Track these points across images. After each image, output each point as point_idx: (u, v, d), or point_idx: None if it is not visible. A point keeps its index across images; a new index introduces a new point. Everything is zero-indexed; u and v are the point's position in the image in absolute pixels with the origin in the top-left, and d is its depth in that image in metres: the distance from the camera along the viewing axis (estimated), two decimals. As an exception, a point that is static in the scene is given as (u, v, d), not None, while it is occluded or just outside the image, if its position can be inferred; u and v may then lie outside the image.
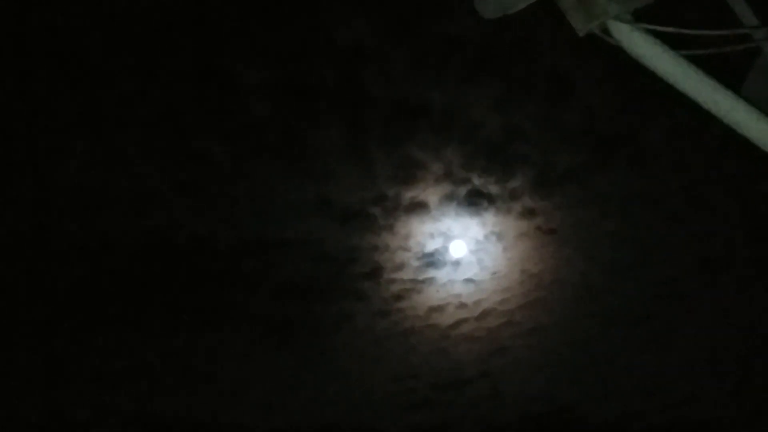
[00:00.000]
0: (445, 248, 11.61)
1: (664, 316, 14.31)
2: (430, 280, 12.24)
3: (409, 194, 10.36)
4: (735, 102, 3.91)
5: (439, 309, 12.93)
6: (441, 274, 12.14)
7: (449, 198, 10.60)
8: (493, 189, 10.57)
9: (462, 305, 12.97)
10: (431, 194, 10.46)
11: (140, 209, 9.75)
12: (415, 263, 11.76)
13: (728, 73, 4.11)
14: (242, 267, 11.11)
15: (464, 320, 13.38)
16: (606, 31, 3.88)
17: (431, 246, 11.49)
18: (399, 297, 12.38)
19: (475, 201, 10.73)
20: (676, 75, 3.90)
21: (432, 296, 12.56)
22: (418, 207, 10.63)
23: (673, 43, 3.85)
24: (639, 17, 3.87)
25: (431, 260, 11.78)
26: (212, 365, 13.30)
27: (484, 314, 13.28)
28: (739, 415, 18.74)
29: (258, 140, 9.04)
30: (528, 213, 11.11)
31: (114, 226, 9.96)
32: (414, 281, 12.15)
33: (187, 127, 8.65)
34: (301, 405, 15.20)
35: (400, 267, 11.74)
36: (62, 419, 13.85)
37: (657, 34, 3.83)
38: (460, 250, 11.74)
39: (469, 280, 12.42)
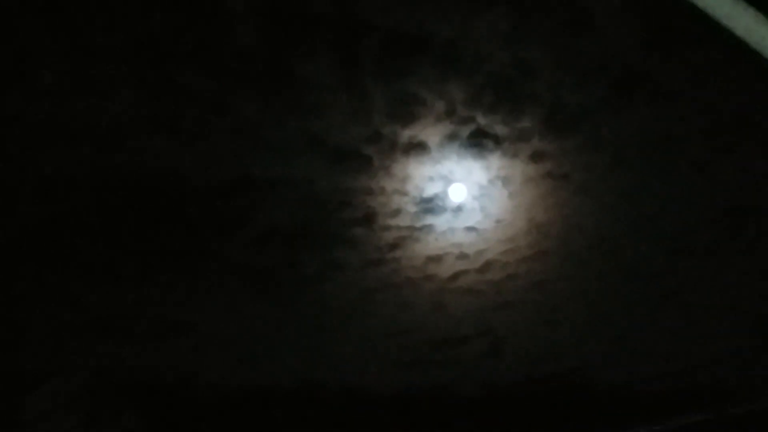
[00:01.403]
0: (446, 193, 11.64)
1: (683, 272, 14.39)
2: (428, 228, 12.29)
3: (407, 133, 10.37)
4: (764, 25, 3.89)
5: (437, 259, 13.00)
6: (440, 222, 12.20)
7: (451, 138, 10.61)
8: (500, 129, 10.57)
9: (462, 256, 13.04)
10: (431, 134, 10.47)
11: (110, 143, 9.73)
12: (413, 209, 11.80)
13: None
14: (222, 209, 11.12)
15: (464, 272, 13.46)
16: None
17: (430, 190, 11.52)
18: (394, 245, 12.46)
19: (479, 142, 10.74)
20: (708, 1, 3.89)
21: (430, 245, 12.63)
22: (417, 147, 10.65)
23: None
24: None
25: (430, 206, 11.82)
26: (187, 316, 13.36)
27: (486, 266, 13.36)
28: (761, 382, 18.93)
29: (242, 71, 8.99)
30: (537, 156, 11.13)
31: (80, 162, 9.93)
32: (410, 228, 12.20)
33: (164, 55, 8.61)
34: (284, 361, 15.32)
35: (396, 213, 11.79)
36: (19, 372, 13.90)
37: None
38: (462, 196, 11.77)
39: (470, 229, 12.48)
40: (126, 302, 12.57)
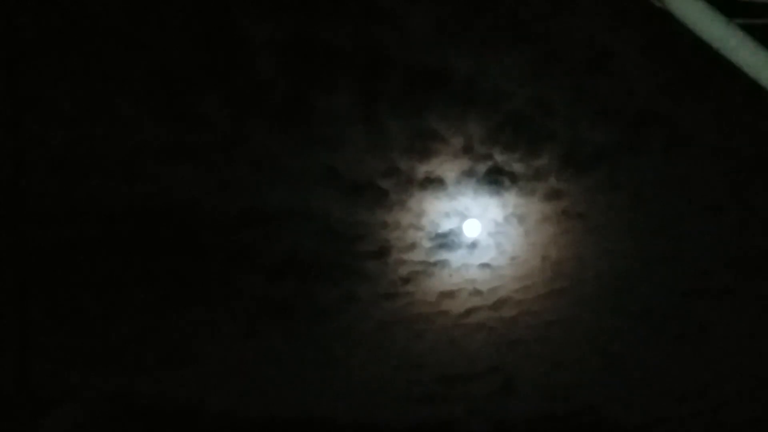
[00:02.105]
0: (461, 229, 11.69)
1: (698, 314, 14.35)
2: (443, 263, 12.32)
3: (424, 168, 10.44)
4: None
5: (450, 295, 13.01)
6: (455, 257, 12.22)
7: (468, 175, 10.66)
8: (517, 167, 10.63)
9: (476, 292, 13.04)
10: (448, 170, 10.52)
11: (130, 172, 9.82)
12: (427, 244, 11.84)
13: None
14: (238, 239, 11.19)
15: (477, 308, 13.45)
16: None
17: (446, 226, 11.57)
18: (407, 280, 12.47)
19: (495, 179, 10.79)
20: (727, 43, 3.90)
21: (444, 281, 12.65)
22: (434, 183, 10.70)
23: (725, 9, 3.87)
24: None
25: (445, 241, 11.86)
26: (199, 345, 13.38)
27: (500, 303, 13.36)
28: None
29: (262, 102, 9.10)
30: (553, 195, 11.17)
31: (99, 189, 10.01)
32: (425, 263, 12.23)
33: (186, 84, 8.71)
34: (295, 393, 15.30)
35: (411, 247, 11.82)
36: (29, 397, 13.88)
37: (708, -1, 3.86)
38: (477, 232, 11.81)
39: (485, 265, 12.49)
40: (139, 330, 12.59)
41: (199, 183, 10.10)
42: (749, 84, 4.02)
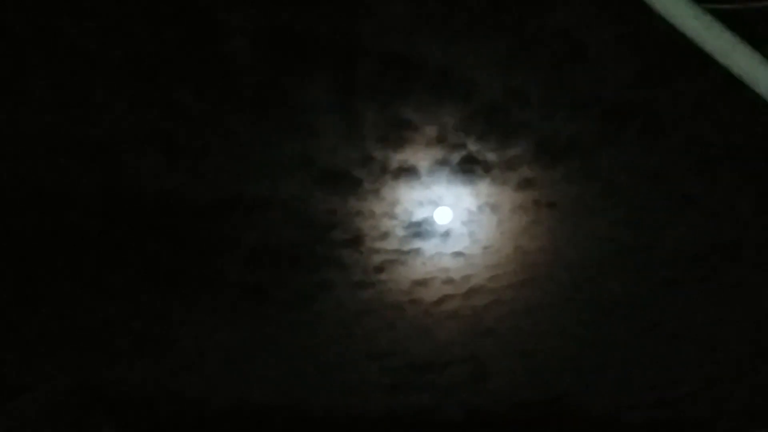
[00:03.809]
0: (434, 218, 11.73)
1: (670, 304, 14.46)
2: (416, 252, 12.37)
3: (398, 157, 10.47)
4: (759, 63, 3.96)
5: (423, 283, 13.07)
6: (428, 246, 12.27)
7: (442, 164, 10.70)
8: (490, 156, 10.67)
9: (449, 281, 13.11)
10: (422, 159, 10.55)
11: (103, 159, 9.78)
12: (401, 232, 11.89)
13: (754, 31, 4.16)
14: (213, 228, 11.21)
15: (450, 297, 13.52)
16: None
17: (419, 215, 11.62)
18: (381, 268, 12.53)
19: (469, 168, 10.82)
20: (697, 30, 3.96)
21: (417, 269, 12.71)
22: (408, 172, 10.74)
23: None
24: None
25: (418, 230, 11.91)
26: (174, 333, 13.40)
27: (473, 291, 13.43)
28: (746, 413, 18.97)
29: (236, 90, 9.08)
30: (526, 184, 11.23)
31: (73, 176, 9.97)
32: (398, 252, 12.28)
33: (160, 72, 8.68)
34: (270, 380, 15.34)
35: (384, 236, 11.88)
36: (0, 381, 13.83)
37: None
38: (450, 221, 11.85)
39: (458, 254, 12.55)
40: (113, 316, 12.58)
41: (174, 170, 10.09)
42: (723, 74, 4.08)
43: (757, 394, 17.76)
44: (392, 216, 11.49)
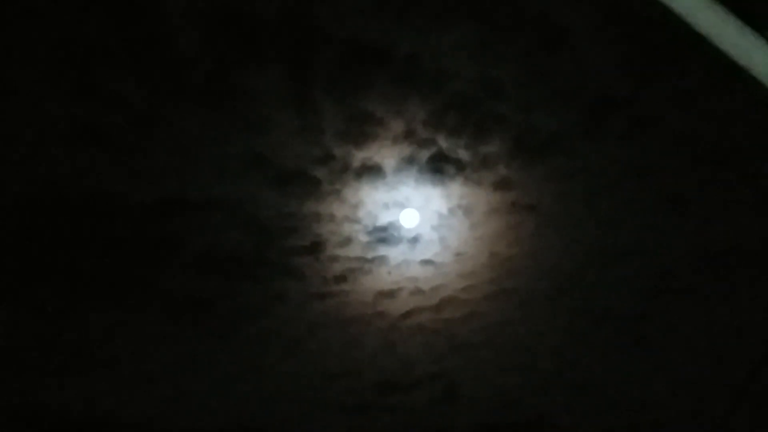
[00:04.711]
0: (401, 222, 11.65)
1: (660, 316, 14.49)
2: (381, 260, 12.30)
3: (360, 155, 10.38)
4: (758, 46, 3.84)
5: (389, 294, 13.01)
6: (394, 253, 12.21)
7: (409, 162, 10.62)
8: (462, 154, 10.60)
9: (417, 291, 13.06)
10: (387, 156, 10.48)
11: (32, 156, 9.65)
12: (364, 238, 11.81)
13: (753, 13, 4.07)
14: (153, 232, 11.07)
15: (419, 309, 13.48)
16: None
17: (384, 218, 11.54)
18: (342, 278, 12.46)
19: (439, 167, 10.76)
20: (691, 10, 3.84)
21: (382, 279, 12.65)
22: (371, 171, 10.66)
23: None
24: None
25: (383, 236, 11.84)
26: (110, 349, 13.28)
27: (444, 303, 13.39)
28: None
29: (181, 81, 8.94)
30: (503, 184, 11.16)
31: (-3, 175, 9.87)
32: (361, 260, 12.21)
33: (96, 60, 8.54)
34: (216, 402, 15.28)
35: (346, 242, 11.80)
36: None
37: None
38: (419, 225, 11.79)
39: (427, 262, 12.50)
40: (42, 332, 12.44)
41: (111, 169, 9.95)
42: (719, 63, 3.98)
43: (757, 414, 17.81)
44: (354, 220, 11.42)
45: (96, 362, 13.43)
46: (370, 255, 12.11)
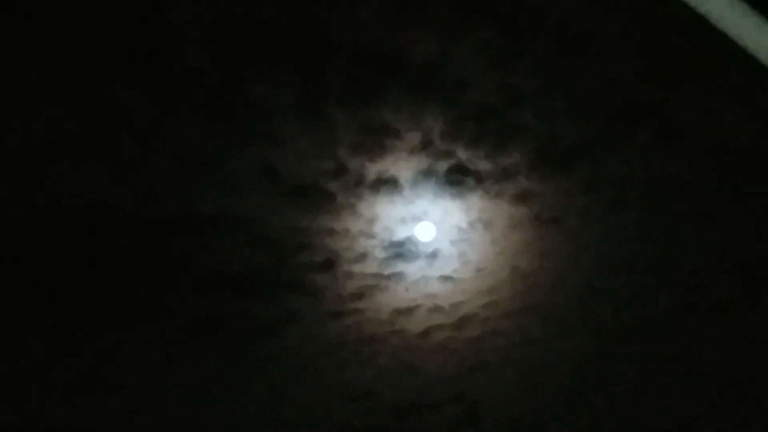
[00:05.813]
0: (419, 237, 11.64)
1: (688, 334, 14.44)
2: (398, 276, 12.28)
3: (376, 167, 10.37)
4: None
5: (407, 312, 12.99)
6: (412, 269, 12.19)
7: (426, 174, 10.61)
8: (482, 165, 10.59)
9: (436, 308, 13.04)
10: (404, 169, 10.47)
11: (31, 170, 9.65)
12: (381, 254, 11.79)
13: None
14: (162, 249, 11.03)
15: (438, 327, 13.45)
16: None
17: (401, 233, 11.53)
18: (358, 295, 12.43)
19: (458, 179, 10.74)
20: (720, 12, 3.83)
21: (399, 296, 12.63)
22: (387, 184, 10.64)
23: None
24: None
25: (400, 251, 11.82)
26: (115, 371, 13.22)
27: (464, 321, 13.36)
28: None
29: (189, 93, 8.93)
30: (524, 197, 11.15)
31: (-2, 191, 9.89)
32: (377, 276, 12.19)
33: (100, 72, 8.56)
34: (228, 425, 15.24)
35: (362, 258, 11.77)
36: None
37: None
38: (437, 240, 11.77)
39: (446, 278, 12.48)
40: (43, 354, 12.44)
41: (117, 185, 9.95)
42: (751, 68, 3.98)
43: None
44: (370, 235, 11.40)
45: (100, 384, 13.39)
46: (386, 271, 12.09)
